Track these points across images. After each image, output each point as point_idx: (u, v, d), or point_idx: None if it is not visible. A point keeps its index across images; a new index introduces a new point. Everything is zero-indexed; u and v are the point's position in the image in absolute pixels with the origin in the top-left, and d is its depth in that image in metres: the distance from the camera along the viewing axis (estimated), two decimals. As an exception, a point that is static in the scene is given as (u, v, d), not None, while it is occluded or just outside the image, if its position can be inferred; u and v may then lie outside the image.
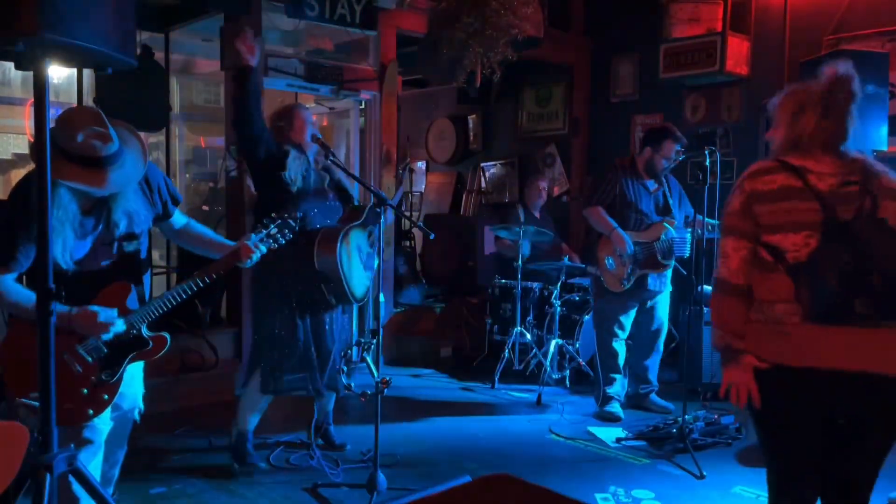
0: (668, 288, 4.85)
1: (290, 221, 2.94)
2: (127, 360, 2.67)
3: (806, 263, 2.12)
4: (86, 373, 2.60)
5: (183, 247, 3.04)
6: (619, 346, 4.85)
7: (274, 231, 2.91)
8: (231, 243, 2.89)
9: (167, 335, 2.75)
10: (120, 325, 2.59)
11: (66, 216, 2.48)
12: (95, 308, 2.54)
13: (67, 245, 2.52)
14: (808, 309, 2.12)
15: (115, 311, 2.59)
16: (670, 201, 4.76)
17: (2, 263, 2.48)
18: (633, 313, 4.82)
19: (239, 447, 3.87)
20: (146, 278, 2.90)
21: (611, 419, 4.74)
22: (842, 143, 2.25)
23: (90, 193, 2.48)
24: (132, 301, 2.72)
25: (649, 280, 4.69)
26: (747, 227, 2.24)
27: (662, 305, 4.88)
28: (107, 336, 2.57)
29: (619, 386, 4.88)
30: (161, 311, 2.69)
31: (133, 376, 2.86)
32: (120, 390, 2.68)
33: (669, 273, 4.79)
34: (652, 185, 4.77)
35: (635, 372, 4.97)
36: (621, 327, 4.82)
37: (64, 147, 2.41)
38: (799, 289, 2.13)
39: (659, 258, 4.64)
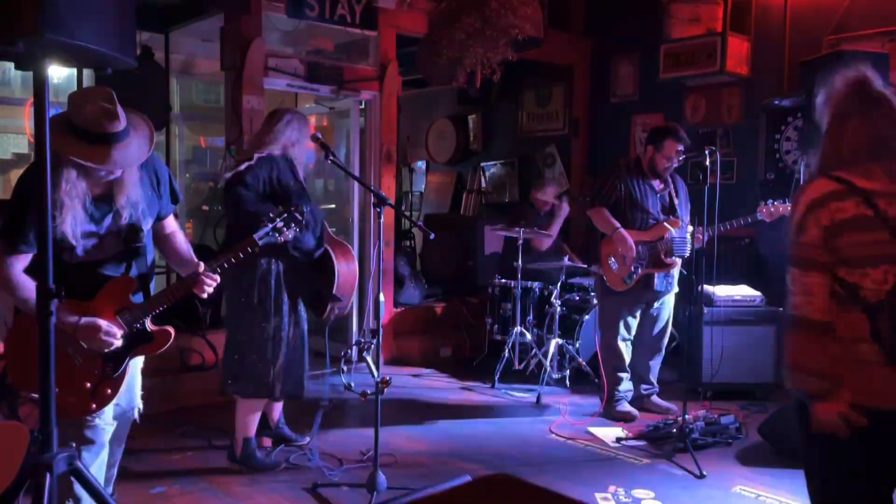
0: (674, 289, 4.85)
1: (297, 215, 2.93)
2: (130, 354, 2.67)
3: (887, 302, 1.95)
4: (89, 367, 2.60)
5: (161, 254, 3.01)
6: (625, 347, 4.84)
7: (280, 224, 2.90)
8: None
9: (171, 329, 2.75)
10: (119, 342, 2.60)
11: (77, 192, 2.49)
12: (100, 322, 2.55)
13: (78, 221, 2.52)
14: (890, 351, 1.95)
15: (119, 330, 2.60)
16: (675, 201, 4.76)
17: (12, 243, 2.49)
18: (638, 313, 4.82)
19: (249, 456, 3.81)
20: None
21: (625, 419, 4.73)
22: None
23: (92, 169, 2.48)
24: (136, 296, 2.73)
25: (655, 280, 4.69)
26: (828, 261, 2.03)
27: (667, 306, 4.88)
28: (107, 350, 2.58)
29: (626, 385, 4.88)
30: (163, 308, 2.69)
31: (133, 375, 2.86)
32: (121, 388, 2.68)
33: (676, 273, 4.79)
34: (657, 184, 4.77)
35: (638, 372, 4.96)
36: (627, 327, 4.82)
37: (72, 120, 2.43)
38: (878, 329, 1.96)
39: (662, 257, 4.63)
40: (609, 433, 4.48)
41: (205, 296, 2.75)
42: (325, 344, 5.63)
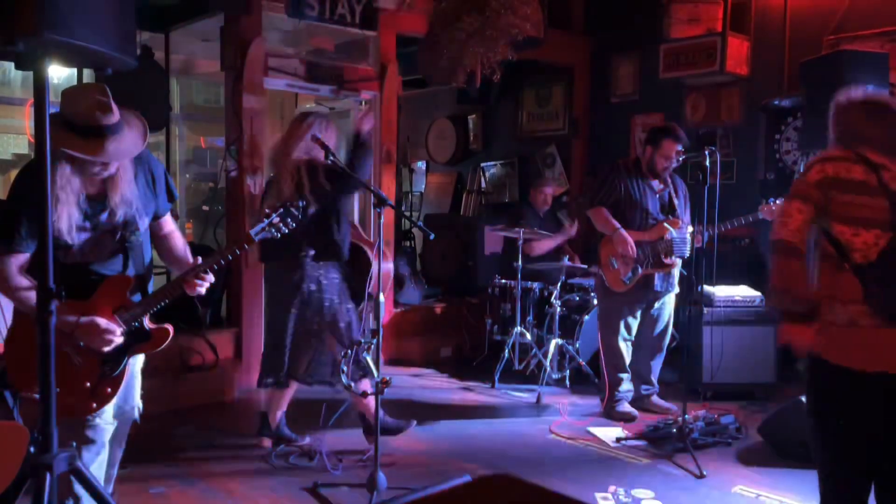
0: (675, 289, 4.85)
1: (293, 210, 2.93)
2: (129, 353, 2.67)
3: (876, 264, 2.08)
4: (88, 366, 2.60)
5: (158, 254, 3.01)
6: (625, 347, 4.85)
7: (276, 220, 2.90)
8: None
9: (170, 327, 2.74)
10: (119, 340, 2.59)
11: (72, 188, 2.50)
12: (99, 320, 2.55)
13: (73, 219, 2.52)
14: (879, 310, 2.08)
15: (118, 328, 2.60)
16: (675, 201, 4.76)
17: (8, 242, 2.49)
18: (639, 314, 4.82)
19: (281, 435, 4.16)
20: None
21: (625, 419, 4.74)
22: None
23: (86, 162, 2.48)
24: (134, 295, 2.72)
25: (655, 280, 4.69)
26: (819, 198, 2.20)
27: (668, 306, 4.87)
28: (107, 349, 2.58)
29: (626, 385, 4.88)
30: (160, 306, 2.69)
31: (133, 374, 2.86)
32: (121, 387, 2.68)
33: (676, 274, 4.79)
34: (657, 184, 4.77)
35: (638, 373, 4.95)
36: (627, 328, 4.82)
37: (66, 115, 2.44)
38: (868, 289, 2.09)
39: (662, 257, 4.64)
40: (609, 433, 4.48)
41: (195, 294, 2.74)
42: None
